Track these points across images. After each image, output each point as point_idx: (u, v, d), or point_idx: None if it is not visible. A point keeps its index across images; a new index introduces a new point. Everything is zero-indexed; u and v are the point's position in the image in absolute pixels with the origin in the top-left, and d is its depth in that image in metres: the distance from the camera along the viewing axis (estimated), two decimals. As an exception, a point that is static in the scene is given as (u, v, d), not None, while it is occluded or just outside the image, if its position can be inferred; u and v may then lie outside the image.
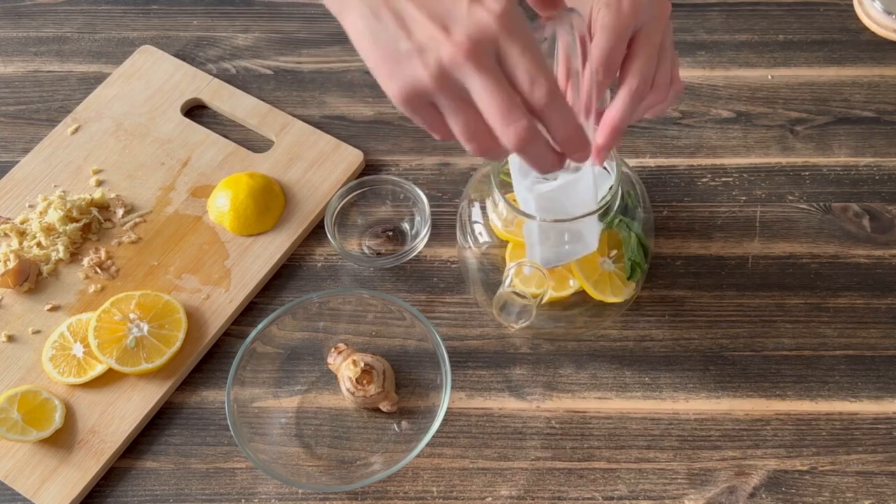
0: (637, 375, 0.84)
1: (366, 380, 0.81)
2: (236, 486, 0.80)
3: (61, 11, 1.08)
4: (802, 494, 0.78)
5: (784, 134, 0.96)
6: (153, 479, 0.80)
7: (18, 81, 1.03)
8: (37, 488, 0.79)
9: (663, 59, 0.64)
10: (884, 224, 0.91)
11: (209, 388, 0.84)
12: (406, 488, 0.79)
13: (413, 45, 0.53)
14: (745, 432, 0.81)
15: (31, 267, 0.88)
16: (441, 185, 0.94)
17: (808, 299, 0.87)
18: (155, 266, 0.89)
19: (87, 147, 0.96)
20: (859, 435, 0.81)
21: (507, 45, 0.52)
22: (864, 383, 0.83)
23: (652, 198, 0.86)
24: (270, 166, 0.94)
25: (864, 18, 1.03)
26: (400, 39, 0.53)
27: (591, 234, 0.75)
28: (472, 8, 0.52)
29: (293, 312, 0.84)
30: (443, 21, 0.52)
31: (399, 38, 0.53)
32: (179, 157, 0.95)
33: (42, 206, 0.92)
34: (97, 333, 0.83)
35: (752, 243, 0.90)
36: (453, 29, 0.52)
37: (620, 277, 0.79)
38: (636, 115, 0.64)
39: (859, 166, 0.94)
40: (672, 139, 0.96)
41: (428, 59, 0.53)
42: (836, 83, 0.99)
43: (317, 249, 0.91)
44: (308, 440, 0.82)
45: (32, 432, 0.79)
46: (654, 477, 0.79)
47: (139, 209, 0.93)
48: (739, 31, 1.03)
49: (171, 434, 0.82)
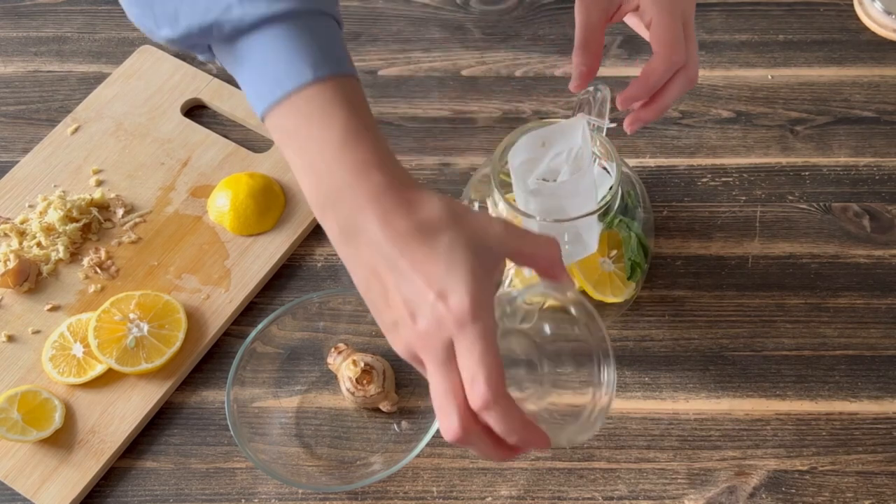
0: (637, 375, 0.84)
1: (366, 380, 0.81)
2: (236, 486, 0.80)
3: (61, 11, 1.08)
4: (802, 494, 0.78)
5: (784, 134, 0.96)
6: (153, 479, 0.80)
7: (18, 81, 1.03)
8: (37, 488, 0.79)
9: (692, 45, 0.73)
10: (884, 224, 0.91)
11: (209, 388, 0.84)
12: (406, 488, 0.79)
13: (391, 318, 0.57)
14: (745, 432, 0.81)
15: (31, 267, 0.88)
16: (441, 185, 0.94)
17: (808, 299, 0.87)
18: (155, 266, 0.89)
19: (87, 147, 0.96)
20: (859, 435, 0.81)
21: (457, 341, 0.55)
22: (864, 383, 0.83)
23: (652, 198, 0.86)
24: (270, 166, 0.94)
25: (864, 18, 1.03)
26: (383, 310, 0.58)
27: (591, 236, 0.75)
28: (436, 302, 0.55)
29: (293, 312, 0.84)
30: (411, 307, 0.56)
31: (383, 309, 0.58)
32: (179, 157, 0.95)
33: (42, 206, 0.92)
34: (97, 333, 0.83)
35: (752, 243, 0.90)
36: (417, 317, 0.55)
37: (620, 277, 0.79)
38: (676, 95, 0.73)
39: (859, 166, 0.94)
40: (672, 139, 0.96)
41: (403, 334, 0.57)
42: (836, 83, 0.99)
43: (317, 249, 0.91)
44: (308, 440, 0.82)
45: (32, 432, 0.79)
46: (654, 477, 0.79)
47: (139, 209, 0.93)
48: (739, 31, 1.03)
49: (171, 434, 0.82)
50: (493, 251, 0.57)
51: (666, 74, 0.70)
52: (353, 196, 0.56)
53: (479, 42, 1.04)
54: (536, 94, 1.00)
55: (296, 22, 0.56)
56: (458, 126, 0.98)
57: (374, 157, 0.57)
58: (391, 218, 0.56)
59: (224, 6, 0.56)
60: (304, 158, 0.57)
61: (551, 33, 1.04)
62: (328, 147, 0.56)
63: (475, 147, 0.96)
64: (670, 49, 0.70)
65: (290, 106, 0.56)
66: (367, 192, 0.56)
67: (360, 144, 0.57)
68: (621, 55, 1.02)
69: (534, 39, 1.04)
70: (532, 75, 1.01)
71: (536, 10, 1.06)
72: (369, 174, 0.56)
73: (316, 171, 0.57)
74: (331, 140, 0.56)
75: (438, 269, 0.55)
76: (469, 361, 0.54)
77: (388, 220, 0.56)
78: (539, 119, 0.79)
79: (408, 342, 0.57)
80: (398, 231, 0.55)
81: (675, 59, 0.70)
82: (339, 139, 0.56)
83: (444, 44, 1.04)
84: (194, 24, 0.57)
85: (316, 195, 0.57)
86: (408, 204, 0.56)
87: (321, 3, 0.58)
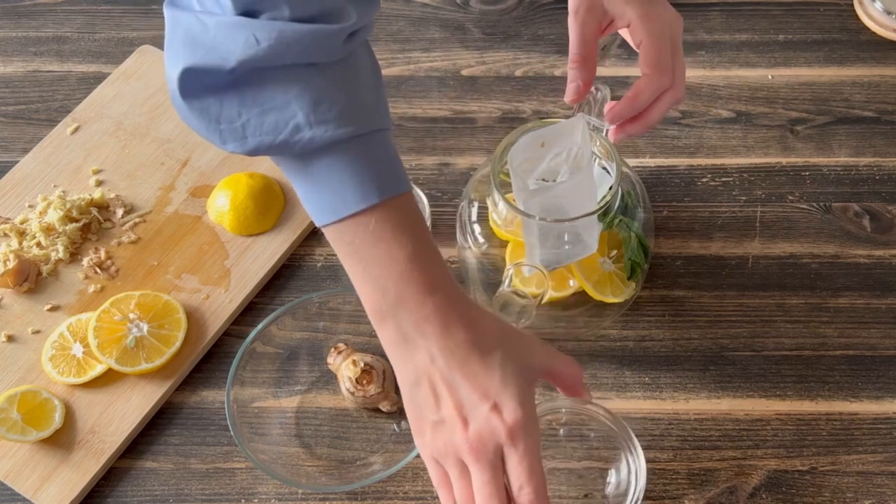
0: (637, 375, 0.84)
1: (366, 380, 0.81)
2: (236, 486, 0.80)
3: (61, 11, 1.08)
4: (802, 494, 0.78)
5: (784, 134, 0.96)
6: (153, 479, 0.80)
7: (18, 81, 1.03)
8: (37, 488, 0.79)
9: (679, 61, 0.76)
10: (884, 224, 0.91)
11: (209, 388, 0.84)
12: (406, 488, 0.79)
13: (438, 418, 0.61)
14: (745, 432, 0.81)
15: (31, 267, 0.88)
16: (441, 185, 0.94)
17: (808, 299, 0.87)
18: (155, 266, 0.89)
19: (86, 147, 0.96)
20: (859, 435, 0.80)
21: (508, 451, 0.60)
22: (864, 383, 0.83)
23: (652, 198, 0.86)
24: (270, 166, 0.94)
25: (864, 18, 1.03)
26: (430, 409, 0.62)
27: (591, 236, 0.75)
28: (490, 413, 0.60)
29: (293, 312, 0.84)
30: (464, 413, 0.60)
31: (430, 408, 0.62)
32: (179, 157, 0.95)
33: (42, 206, 0.92)
34: (97, 333, 0.83)
35: (752, 243, 0.90)
36: (470, 424, 0.60)
37: (620, 277, 0.79)
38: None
39: (859, 166, 0.94)
40: (672, 139, 0.96)
41: (445, 435, 0.61)
42: (836, 83, 0.99)
43: (317, 249, 0.91)
44: (308, 440, 0.82)
45: (32, 432, 0.79)
46: (654, 477, 0.79)
47: (139, 209, 0.93)
48: (739, 31, 1.03)
49: (171, 434, 0.82)
50: (535, 369, 0.64)
51: (653, 95, 0.73)
52: (417, 308, 0.61)
53: (479, 42, 1.04)
54: (536, 94, 1.00)
55: (360, 144, 0.60)
56: (457, 126, 0.98)
57: (438, 278, 0.62)
58: (452, 331, 0.61)
59: (293, 128, 0.58)
60: (370, 272, 0.61)
61: (551, 33, 1.04)
62: (396, 266, 0.61)
63: (475, 147, 0.96)
64: (658, 71, 0.73)
65: (355, 223, 0.60)
66: (432, 306, 0.61)
67: (427, 266, 0.61)
68: (621, 55, 1.02)
69: (534, 39, 1.04)
70: (532, 75, 1.01)
71: (536, 10, 1.06)
72: (434, 292, 0.61)
73: (381, 285, 0.61)
74: (400, 260, 0.61)
75: (493, 383, 0.60)
76: (519, 470, 0.60)
77: (450, 333, 0.61)
78: (539, 119, 0.79)
79: (453, 443, 0.61)
80: (457, 343, 0.61)
81: (663, 80, 0.73)
82: (407, 260, 0.61)
83: (444, 44, 1.04)
84: (263, 144, 0.59)
85: (378, 304, 0.62)
86: (468, 320, 0.61)
87: (381, 121, 0.61)
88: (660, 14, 0.74)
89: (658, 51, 0.73)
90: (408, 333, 0.61)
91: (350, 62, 0.60)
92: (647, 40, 0.73)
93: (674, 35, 0.75)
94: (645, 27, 0.73)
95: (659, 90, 0.73)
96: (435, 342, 0.61)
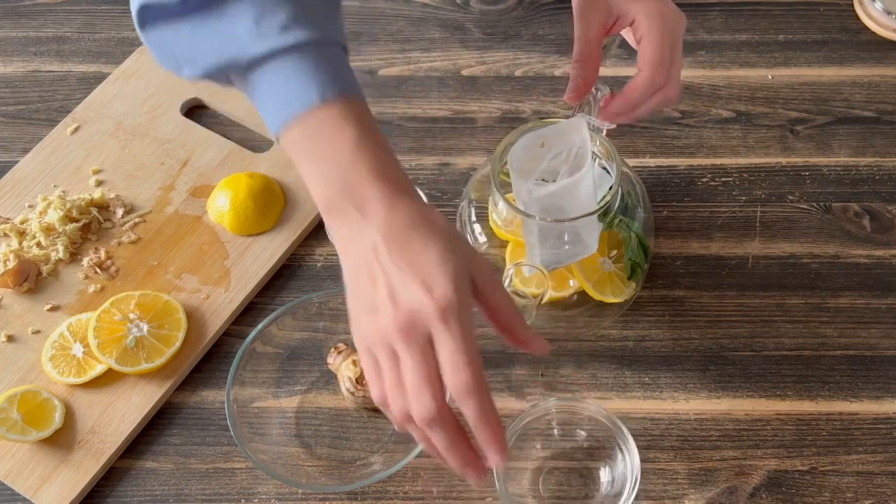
0: (637, 375, 0.84)
1: (366, 380, 0.81)
2: (236, 486, 0.80)
3: (61, 11, 1.08)
4: (802, 494, 0.78)
5: (784, 134, 0.96)
6: (153, 479, 0.80)
7: (18, 81, 1.03)
8: (36, 488, 0.79)
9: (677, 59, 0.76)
10: (884, 224, 0.91)
11: (209, 388, 0.84)
12: (406, 488, 0.79)
13: (372, 304, 0.59)
14: (745, 432, 0.81)
15: (31, 267, 0.88)
16: (441, 185, 0.94)
17: (808, 299, 0.87)
18: (155, 266, 0.89)
19: (86, 147, 0.96)
20: (859, 435, 0.80)
21: (438, 333, 0.57)
22: (864, 383, 0.83)
23: (652, 198, 0.86)
24: (270, 166, 0.94)
25: (864, 18, 1.03)
26: (366, 295, 0.60)
27: (591, 236, 0.75)
28: (420, 293, 0.57)
29: (293, 312, 0.84)
30: (395, 295, 0.58)
31: (366, 294, 0.60)
32: (179, 157, 0.95)
33: (42, 206, 0.92)
34: (97, 333, 0.83)
35: (752, 243, 0.90)
36: (399, 303, 0.58)
37: (620, 277, 0.79)
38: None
39: (859, 166, 0.94)
40: (672, 139, 0.96)
41: (377, 321, 0.59)
42: (836, 83, 0.99)
43: (317, 249, 0.91)
44: (308, 440, 0.82)
45: (32, 432, 0.79)
46: (654, 477, 0.79)
47: (139, 209, 0.93)
48: (739, 31, 1.03)
49: (171, 434, 0.82)
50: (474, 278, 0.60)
51: (647, 93, 0.74)
52: (361, 192, 0.60)
53: (479, 42, 1.04)
54: (536, 94, 1.00)
55: (305, 52, 0.61)
56: (457, 126, 0.98)
57: (386, 166, 0.61)
58: (397, 215, 0.59)
59: (237, 44, 0.60)
60: (318, 166, 0.61)
61: (551, 33, 1.04)
62: (340, 156, 0.60)
63: (475, 147, 0.96)
64: (654, 70, 0.73)
65: (301, 126, 0.61)
66: (377, 190, 0.60)
67: (371, 154, 0.60)
68: (621, 55, 1.02)
69: (534, 39, 1.04)
70: (532, 75, 1.01)
71: (536, 10, 1.06)
72: (380, 178, 0.60)
73: (328, 178, 0.61)
74: (343, 150, 0.60)
75: (429, 268, 0.58)
76: (450, 352, 0.57)
77: (393, 217, 0.59)
78: (539, 119, 0.79)
79: (383, 328, 0.59)
80: (399, 228, 0.59)
81: (658, 79, 0.74)
82: (350, 149, 0.60)
83: (444, 43, 1.04)
84: (212, 63, 0.62)
85: (326, 198, 0.61)
86: (415, 211, 0.60)
87: (329, 32, 0.62)
88: (663, 11, 0.74)
89: (657, 49, 0.73)
90: (353, 222, 0.60)
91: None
92: (648, 35, 0.73)
93: (675, 33, 0.75)
94: (647, 24, 0.73)
95: (653, 88, 0.74)
96: (377, 229, 0.59)
